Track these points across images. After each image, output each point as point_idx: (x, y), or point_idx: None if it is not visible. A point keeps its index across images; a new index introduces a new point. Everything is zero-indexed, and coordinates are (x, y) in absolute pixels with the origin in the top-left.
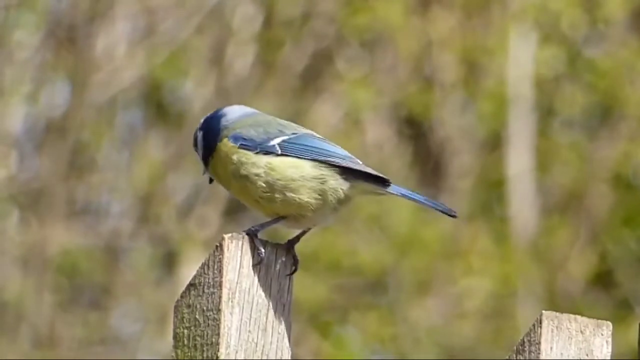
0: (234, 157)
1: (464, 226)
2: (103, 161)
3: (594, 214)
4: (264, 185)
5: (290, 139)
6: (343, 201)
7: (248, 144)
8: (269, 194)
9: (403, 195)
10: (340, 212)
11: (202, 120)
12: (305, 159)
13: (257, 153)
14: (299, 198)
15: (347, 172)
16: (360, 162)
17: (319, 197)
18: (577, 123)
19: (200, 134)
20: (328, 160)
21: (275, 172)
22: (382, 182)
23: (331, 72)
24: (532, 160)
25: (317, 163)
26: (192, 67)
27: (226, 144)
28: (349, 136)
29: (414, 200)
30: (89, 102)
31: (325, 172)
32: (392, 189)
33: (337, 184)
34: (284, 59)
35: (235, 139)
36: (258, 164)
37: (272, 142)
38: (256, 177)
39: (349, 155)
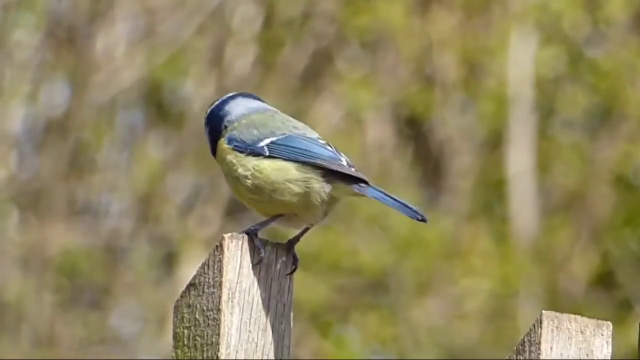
0: (228, 157)
1: (464, 226)
2: (103, 161)
3: (594, 214)
4: (251, 187)
5: (278, 140)
6: (328, 202)
7: (239, 146)
8: (256, 196)
9: (375, 199)
10: (330, 212)
11: (207, 114)
12: (290, 160)
13: (247, 155)
14: (284, 200)
15: (330, 174)
16: (346, 162)
17: (303, 198)
18: (577, 123)
19: (206, 130)
20: (311, 162)
21: (262, 174)
22: (361, 182)
23: (331, 72)
24: (532, 161)
25: (301, 165)
26: (192, 67)
27: (222, 144)
28: (350, 136)
29: (385, 203)
30: (89, 102)
31: (310, 174)
32: (368, 191)
33: (320, 186)
34: (284, 59)
35: (230, 140)
36: (246, 166)
37: (261, 144)
38: (245, 179)
39: (334, 156)
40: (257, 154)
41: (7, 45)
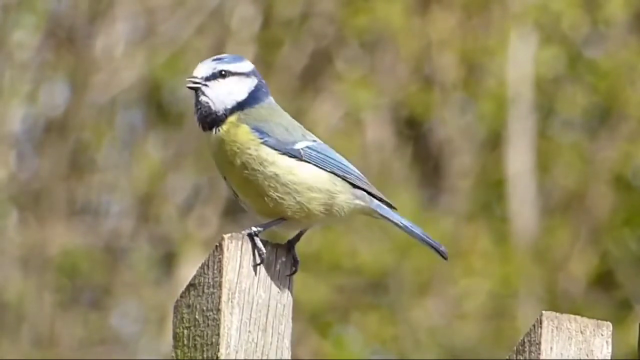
0: (252, 149)
1: (464, 226)
2: (103, 161)
3: (594, 214)
4: (278, 186)
5: (313, 146)
6: (344, 218)
7: (271, 142)
8: (279, 195)
9: (404, 227)
10: (336, 222)
11: (247, 68)
12: (325, 170)
13: (281, 154)
14: (308, 206)
15: (356, 190)
16: (369, 184)
17: (326, 210)
18: (577, 123)
19: (240, 85)
20: (346, 177)
21: (294, 176)
22: (384, 204)
23: (331, 72)
24: (532, 160)
25: (334, 177)
26: (192, 67)
27: (246, 132)
28: (349, 136)
29: (410, 233)
30: (89, 102)
31: (340, 187)
32: (393, 216)
33: (346, 201)
34: (283, 59)
35: (260, 132)
36: (279, 165)
37: (297, 147)
38: (273, 177)
39: (362, 174)
40: (291, 155)
41: (7, 46)
